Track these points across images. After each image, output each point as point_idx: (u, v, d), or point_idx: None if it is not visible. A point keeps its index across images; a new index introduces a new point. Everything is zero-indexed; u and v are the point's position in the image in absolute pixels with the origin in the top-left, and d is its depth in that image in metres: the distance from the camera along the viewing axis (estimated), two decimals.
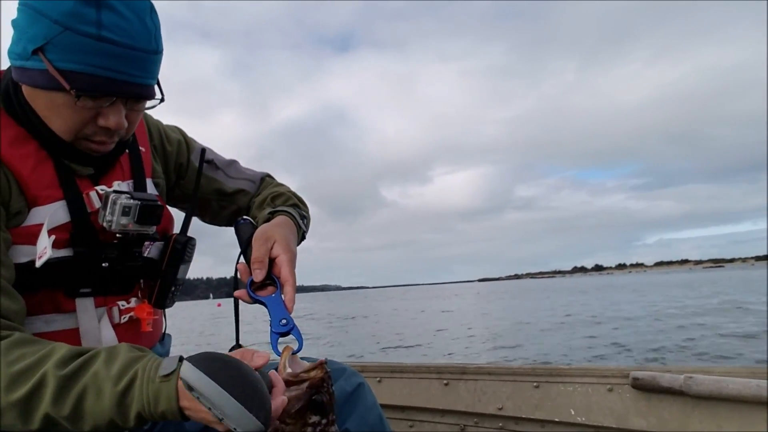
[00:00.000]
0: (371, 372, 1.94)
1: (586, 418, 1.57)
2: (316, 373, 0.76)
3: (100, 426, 0.72)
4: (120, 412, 0.71)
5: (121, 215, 0.93)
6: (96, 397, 0.72)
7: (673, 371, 1.47)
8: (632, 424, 1.50)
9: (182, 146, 1.22)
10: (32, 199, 0.90)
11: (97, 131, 0.92)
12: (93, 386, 0.72)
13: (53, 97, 0.87)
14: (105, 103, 0.89)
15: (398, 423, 1.89)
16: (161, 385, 0.70)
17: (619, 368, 1.58)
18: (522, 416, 1.68)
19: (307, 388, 0.75)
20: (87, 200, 0.95)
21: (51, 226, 0.90)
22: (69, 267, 0.92)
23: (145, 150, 1.11)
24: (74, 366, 0.73)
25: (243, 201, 1.27)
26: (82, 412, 0.72)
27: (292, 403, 0.74)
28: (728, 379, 1.37)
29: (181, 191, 1.22)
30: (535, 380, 1.68)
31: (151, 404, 0.70)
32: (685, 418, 1.44)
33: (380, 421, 1.04)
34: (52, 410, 0.71)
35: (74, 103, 0.86)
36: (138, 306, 1.03)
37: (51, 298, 0.92)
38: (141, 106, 0.96)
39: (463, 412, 1.78)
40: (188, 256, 1.11)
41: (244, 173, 1.29)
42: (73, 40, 0.82)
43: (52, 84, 0.85)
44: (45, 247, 0.86)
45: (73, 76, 0.84)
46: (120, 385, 0.71)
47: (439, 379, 1.84)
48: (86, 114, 0.89)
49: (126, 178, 1.04)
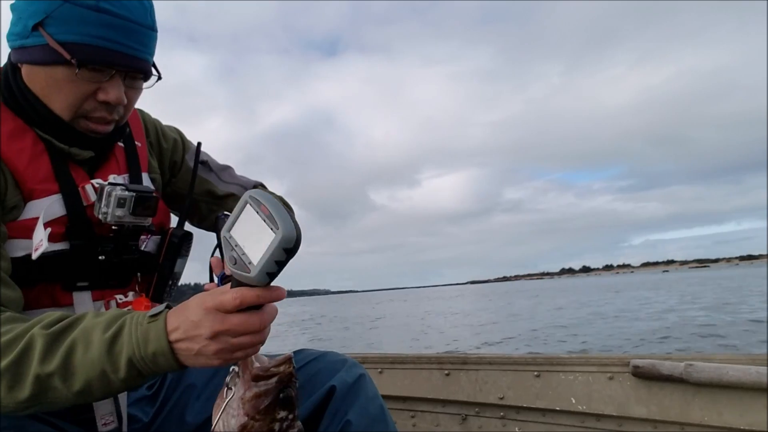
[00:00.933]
0: (372, 363, 1.94)
1: (587, 407, 1.58)
2: (285, 368, 0.74)
3: (91, 379, 0.71)
4: (110, 361, 0.71)
5: (117, 207, 0.94)
6: (85, 348, 0.71)
7: (673, 359, 1.48)
8: (633, 411, 1.51)
9: (178, 145, 1.22)
10: (28, 192, 0.90)
11: (96, 107, 0.93)
12: (82, 339, 0.72)
13: (53, 72, 0.88)
14: (104, 77, 0.90)
15: (400, 413, 1.90)
16: (150, 325, 0.71)
17: (620, 356, 1.58)
18: (523, 405, 1.68)
19: (276, 383, 0.74)
20: (83, 193, 0.95)
21: (47, 219, 0.90)
22: (65, 260, 0.92)
23: (141, 145, 1.11)
24: (62, 325, 0.74)
25: (232, 206, 1.26)
26: (72, 366, 0.71)
27: (261, 398, 0.73)
28: (728, 366, 1.38)
29: (173, 189, 1.22)
30: (536, 369, 1.69)
31: (141, 346, 0.70)
32: (686, 406, 1.44)
33: (382, 412, 1.04)
34: (41, 369, 0.70)
35: (74, 75, 0.88)
36: (136, 300, 1.03)
37: (48, 292, 0.92)
38: (138, 83, 0.97)
39: (464, 402, 1.79)
40: (185, 250, 1.11)
41: (237, 179, 1.30)
42: (72, 12, 0.85)
43: (52, 57, 0.87)
44: (41, 240, 0.87)
45: (74, 47, 0.86)
46: (109, 332, 0.71)
47: (440, 370, 1.84)
48: (86, 87, 0.90)
49: (122, 172, 1.04)
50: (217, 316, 0.68)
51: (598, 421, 1.57)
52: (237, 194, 1.27)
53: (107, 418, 0.95)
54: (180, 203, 1.20)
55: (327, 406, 1.01)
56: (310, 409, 1.01)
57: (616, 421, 1.54)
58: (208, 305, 0.69)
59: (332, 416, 1.00)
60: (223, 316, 0.69)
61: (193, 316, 0.70)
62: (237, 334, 0.69)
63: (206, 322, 0.69)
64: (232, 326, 0.69)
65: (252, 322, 0.70)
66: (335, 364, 1.07)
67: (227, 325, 0.68)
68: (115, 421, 0.96)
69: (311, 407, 1.01)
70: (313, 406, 1.01)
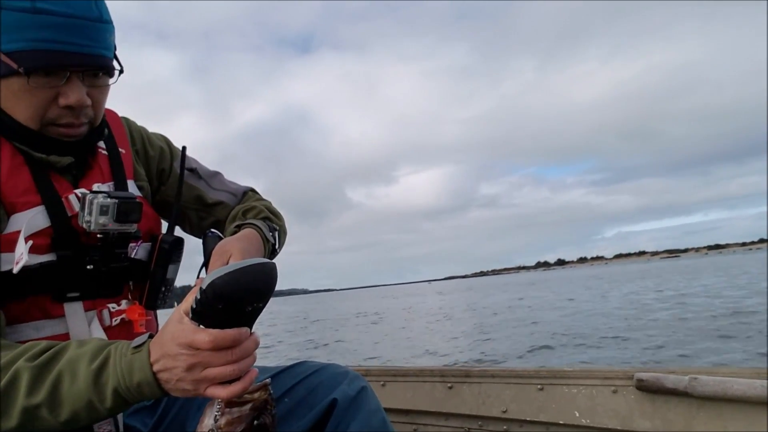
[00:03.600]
0: (374, 376, 1.93)
1: (590, 420, 1.57)
2: (260, 395, 0.74)
3: (78, 410, 0.73)
4: (96, 391, 0.72)
5: (99, 215, 0.93)
6: (71, 379, 0.72)
7: (677, 372, 1.47)
8: (637, 425, 1.50)
9: (165, 152, 1.21)
10: (10, 206, 0.89)
11: (61, 113, 0.91)
12: (68, 370, 0.73)
13: (9, 84, 0.87)
14: (60, 81, 0.88)
15: (402, 426, 1.88)
16: (134, 356, 0.72)
17: (623, 370, 1.57)
18: (526, 419, 1.67)
19: (249, 410, 0.73)
20: (66, 203, 0.94)
21: (30, 231, 0.89)
22: (53, 271, 0.92)
23: (125, 152, 1.10)
24: (47, 356, 0.74)
25: (222, 214, 1.25)
26: (59, 397, 0.72)
27: (234, 425, 0.72)
28: (733, 379, 1.37)
29: (162, 198, 1.21)
30: (539, 382, 1.68)
31: (126, 377, 0.72)
32: (690, 420, 1.43)
33: (384, 425, 1.04)
34: (27, 401, 0.71)
35: (27, 84, 0.85)
36: (129, 308, 1.03)
37: (39, 304, 0.92)
38: (101, 81, 0.95)
39: (467, 415, 1.78)
40: (177, 257, 1.10)
41: (227, 186, 1.28)
42: (9, 19, 0.82)
43: (3, 70, 0.85)
44: (21, 253, 0.86)
45: (19, 55, 0.84)
46: (94, 363, 0.73)
47: (443, 383, 1.83)
48: (44, 95, 0.88)
49: (106, 180, 1.03)
50: (189, 351, 0.70)
51: None
52: (227, 202, 1.26)
53: (104, 428, 0.95)
54: (170, 211, 1.19)
55: (329, 420, 1.00)
56: (311, 422, 1.00)
57: None
58: (181, 341, 0.70)
59: (334, 429, 0.99)
60: (195, 351, 0.70)
61: (169, 350, 0.71)
62: (212, 365, 0.71)
63: (181, 357, 0.70)
64: (205, 359, 0.70)
65: (225, 356, 0.71)
66: (337, 376, 1.06)
67: (199, 358, 0.70)
68: (112, 430, 0.96)
69: (313, 420, 1.00)
70: (315, 419, 1.00)
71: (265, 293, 0.72)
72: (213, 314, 0.69)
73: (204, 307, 0.69)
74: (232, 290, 0.68)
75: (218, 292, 0.67)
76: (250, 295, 0.70)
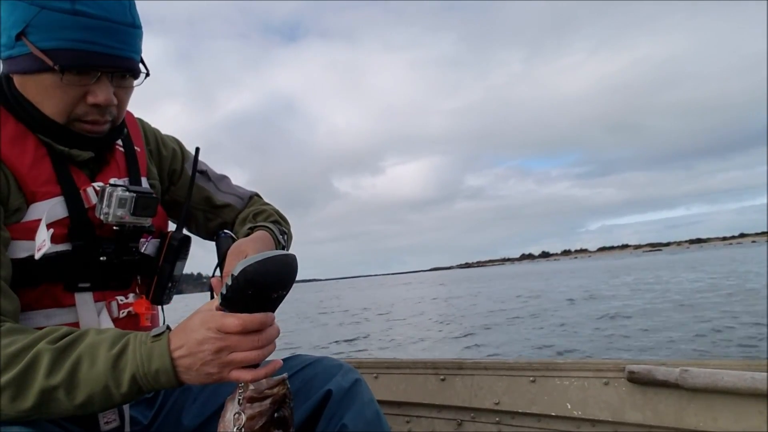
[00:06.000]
0: (368, 368, 1.94)
1: (582, 412, 1.58)
2: (279, 389, 0.79)
3: (94, 394, 0.74)
4: (114, 376, 0.74)
5: (117, 207, 0.96)
6: (91, 363, 0.74)
7: (668, 364, 1.48)
8: (628, 417, 1.51)
9: (177, 154, 1.25)
10: (31, 195, 0.92)
11: (88, 111, 0.94)
12: (88, 354, 0.75)
13: (41, 79, 0.90)
14: (91, 80, 0.91)
15: (395, 419, 1.89)
16: (153, 344, 0.76)
17: (615, 362, 1.58)
18: (518, 411, 1.68)
19: (270, 404, 0.77)
20: (84, 196, 0.97)
21: (49, 220, 0.91)
22: (67, 261, 0.94)
23: (140, 150, 1.13)
24: (68, 340, 0.76)
25: (229, 216, 1.30)
26: (77, 379, 0.74)
27: (256, 419, 0.76)
28: (723, 371, 1.38)
29: (172, 198, 1.24)
30: (531, 375, 1.69)
31: (144, 364, 0.74)
32: (681, 411, 1.44)
33: (377, 417, 1.05)
34: (46, 382, 0.73)
35: (61, 81, 0.89)
36: (136, 301, 1.05)
37: (51, 293, 0.93)
38: (128, 82, 0.99)
39: (459, 407, 1.79)
40: (184, 254, 1.13)
41: (234, 190, 1.33)
42: (50, 18, 0.86)
43: (37, 66, 0.88)
44: (44, 240, 0.88)
45: (56, 53, 0.87)
46: (114, 349, 0.75)
47: (436, 375, 1.84)
48: (74, 92, 0.91)
49: (122, 176, 1.06)
50: (218, 335, 0.74)
51: (593, 427, 1.57)
52: (234, 204, 1.30)
53: (109, 417, 0.96)
54: (179, 211, 1.22)
55: (323, 411, 1.02)
56: (306, 413, 1.01)
57: (612, 427, 1.54)
58: (211, 326, 0.74)
59: (328, 421, 1.01)
60: (225, 335, 0.74)
61: (197, 335, 0.75)
62: (239, 350, 0.75)
63: (209, 341, 0.74)
64: (233, 343, 0.74)
65: (252, 341, 0.75)
66: (331, 369, 1.07)
67: (228, 341, 0.74)
68: (117, 420, 0.97)
69: (307, 412, 1.01)
70: (309, 410, 1.02)
71: (289, 281, 0.78)
72: (242, 300, 0.75)
73: (234, 293, 0.74)
74: (261, 277, 0.74)
75: (249, 278, 0.73)
76: (278, 282, 0.76)
